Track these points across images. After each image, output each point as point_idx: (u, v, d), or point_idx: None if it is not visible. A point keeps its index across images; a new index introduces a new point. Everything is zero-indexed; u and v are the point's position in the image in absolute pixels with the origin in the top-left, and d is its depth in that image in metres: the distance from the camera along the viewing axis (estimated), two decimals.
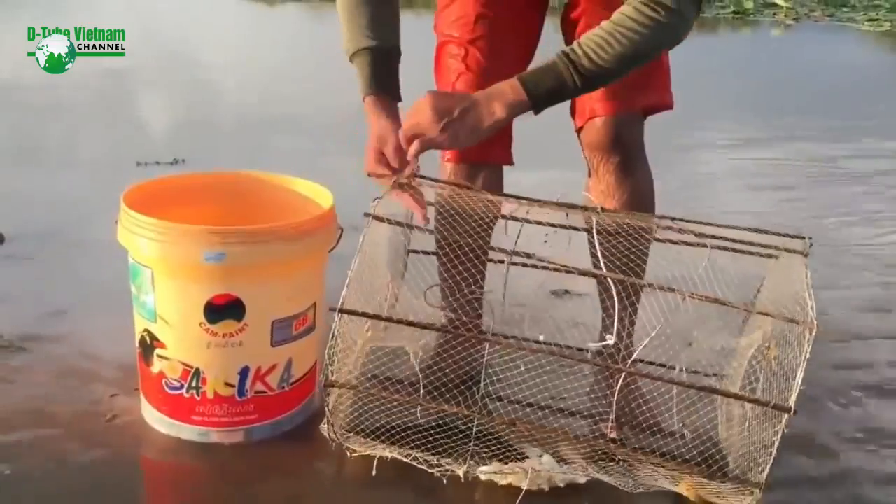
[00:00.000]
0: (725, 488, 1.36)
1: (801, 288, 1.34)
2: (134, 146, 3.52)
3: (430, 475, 1.42)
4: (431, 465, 1.43)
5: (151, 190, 1.60)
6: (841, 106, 5.21)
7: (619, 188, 1.64)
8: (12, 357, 1.79)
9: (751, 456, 1.37)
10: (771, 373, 1.44)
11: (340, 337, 1.37)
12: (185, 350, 1.48)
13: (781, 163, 3.66)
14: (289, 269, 1.49)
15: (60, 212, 2.67)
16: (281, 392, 1.54)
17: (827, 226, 2.92)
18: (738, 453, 1.45)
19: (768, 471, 1.28)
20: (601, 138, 1.60)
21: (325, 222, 1.52)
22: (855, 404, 1.78)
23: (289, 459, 1.51)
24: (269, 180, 1.72)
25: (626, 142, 1.62)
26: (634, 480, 1.41)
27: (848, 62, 7.11)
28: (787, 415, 1.26)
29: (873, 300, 2.33)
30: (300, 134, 3.86)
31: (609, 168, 1.63)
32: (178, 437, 1.53)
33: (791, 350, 1.32)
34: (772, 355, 1.51)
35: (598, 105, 1.59)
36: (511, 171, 1.73)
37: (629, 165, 1.63)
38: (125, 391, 1.66)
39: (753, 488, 1.31)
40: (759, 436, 1.35)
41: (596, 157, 1.63)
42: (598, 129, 1.60)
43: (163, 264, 1.44)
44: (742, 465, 1.40)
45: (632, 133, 1.63)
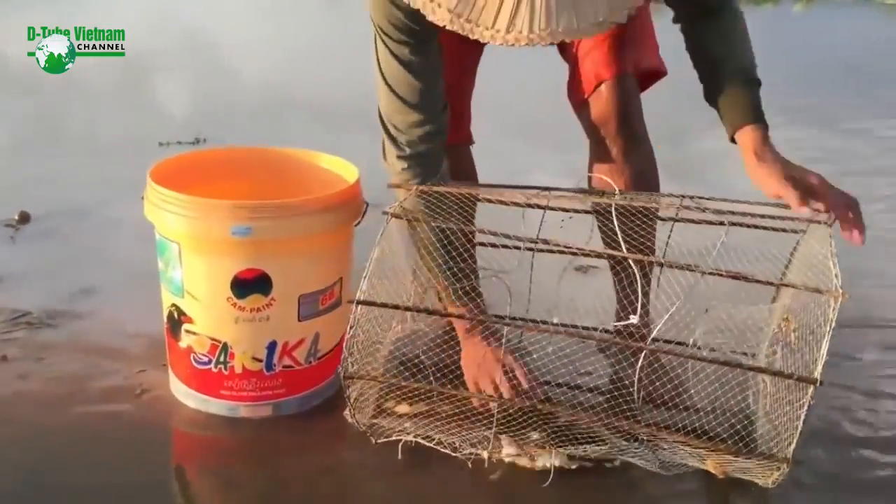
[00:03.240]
0: (752, 464, 1.35)
1: (825, 258, 1.32)
2: (155, 127, 3.53)
3: (455, 458, 1.42)
4: (455, 449, 1.43)
5: (177, 165, 1.60)
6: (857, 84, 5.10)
7: (626, 163, 1.62)
8: (41, 334, 1.80)
9: (777, 431, 1.35)
10: (790, 346, 1.43)
11: (360, 328, 1.38)
12: (213, 325, 1.49)
13: (802, 141, 3.62)
14: (315, 243, 1.49)
15: (85, 192, 2.69)
16: (308, 366, 1.54)
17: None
18: (765, 429, 1.44)
19: (795, 445, 1.26)
20: (609, 106, 1.59)
21: (351, 196, 1.52)
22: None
23: (317, 434, 1.51)
24: (293, 155, 1.72)
25: (632, 110, 1.61)
26: (661, 460, 1.40)
27: (870, 37, 7.00)
28: (812, 387, 1.24)
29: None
30: (320, 112, 3.85)
31: (616, 142, 1.61)
32: (207, 411, 1.54)
33: (815, 321, 1.29)
34: (791, 328, 1.50)
35: (602, 69, 1.59)
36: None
37: (634, 138, 1.62)
38: (154, 367, 1.67)
39: (780, 463, 1.30)
40: (784, 410, 1.33)
41: (602, 130, 1.61)
42: (604, 96, 1.59)
43: (190, 239, 1.44)
44: (769, 440, 1.39)
45: (635, 100, 1.62)
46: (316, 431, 1.52)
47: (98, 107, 4.06)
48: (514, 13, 1.16)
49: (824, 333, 1.24)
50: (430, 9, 1.20)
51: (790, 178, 1.38)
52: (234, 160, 1.72)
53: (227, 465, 1.45)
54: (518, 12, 1.16)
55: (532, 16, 1.16)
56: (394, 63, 1.46)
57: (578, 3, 1.17)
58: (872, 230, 1.37)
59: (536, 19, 1.16)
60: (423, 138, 1.51)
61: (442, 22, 1.21)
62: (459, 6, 1.16)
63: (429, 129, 1.50)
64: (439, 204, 1.50)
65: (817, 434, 1.52)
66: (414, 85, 1.47)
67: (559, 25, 1.17)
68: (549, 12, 1.15)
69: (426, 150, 1.52)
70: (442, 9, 1.18)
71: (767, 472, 1.33)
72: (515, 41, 1.18)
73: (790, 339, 1.49)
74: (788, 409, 1.31)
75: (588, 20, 1.18)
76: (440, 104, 1.52)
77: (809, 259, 1.39)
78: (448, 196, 1.51)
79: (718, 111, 1.48)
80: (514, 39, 1.18)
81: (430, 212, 1.50)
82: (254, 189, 1.64)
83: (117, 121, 3.79)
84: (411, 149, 1.51)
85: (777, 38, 6.45)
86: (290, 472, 1.41)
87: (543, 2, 1.14)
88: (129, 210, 1.83)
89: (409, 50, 1.44)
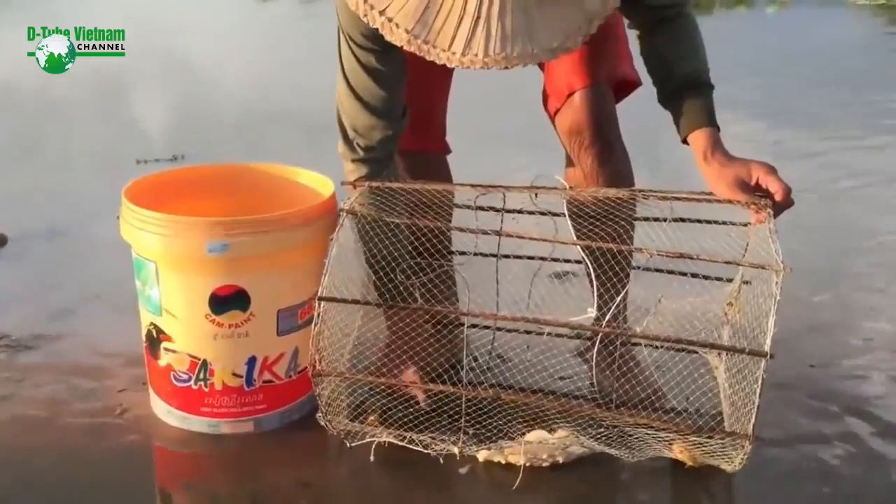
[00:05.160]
0: (716, 445, 1.36)
1: (767, 237, 1.37)
2: (133, 144, 3.53)
3: (432, 458, 1.44)
4: (426, 446, 1.44)
5: (152, 184, 1.61)
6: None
7: (601, 171, 1.63)
8: (21, 356, 1.80)
9: (736, 410, 1.38)
10: (738, 325, 1.48)
11: (324, 324, 1.39)
12: (192, 342, 1.49)
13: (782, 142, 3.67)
14: (292, 257, 1.49)
15: (62, 211, 2.69)
16: (289, 381, 1.55)
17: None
18: (727, 412, 1.47)
19: (754, 420, 1.28)
20: (581, 115, 1.59)
21: (327, 210, 1.53)
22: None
23: (298, 448, 1.52)
24: (268, 171, 1.73)
25: (605, 118, 1.62)
26: (629, 450, 1.42)
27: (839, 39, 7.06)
28: (764, 360, 1.26)
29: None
30: (297, 127, 3.86)
31: (591, 151, 1.61)
32: (189, 429, 1.54)
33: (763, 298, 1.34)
34: (735, 310, 1.57)
35: (574, 79, 1.60)
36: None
37: (608, 147, 1.63)
38: (134, 386, 1.67)
39: (742, 440, 1.31)
40: (738, 390, 1.37)
41: (577, 139, 1.61)
42: (576, 105, 1.59)
43: (166, 257, 1.45)
44: (731, 421, 1.42)
45: (609, 108, 1.63)
46: (296, 445, 1.52)
47: (74, 124, 4.06)
48: (471, 37, 1.19)
49: (770, 308, 1.28)
50: (388, 29, 1.23)
51: (738, 180, 1.44)
52: (208, 177, 1.72)
53: (210, 482, 1.46)
54: (474, 36, 1.19)
55: (487, 40, 1.20)
56: (358, 69, 1.49)
57: (533, 30, 1.21)
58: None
59: (492, 44, 1.20)
60: (381, 142, 1.55)
61: (400, 42, 1.24)
62: (416, 28, 1.19)
63: (388, 133, 1.55)
64: (389, 200, 1.53)
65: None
66: (377, 92, 1.50)
67: (514, 51, 1.21)
68: (504, 37, 1.19)
69: (382, 152, 1.57)
70: (400, 29, 1.21)
71: (733, 454, 1.35)
72: (471, 64, 1.22)
73: (735, 320, 1.54)
74: (745, 386, 1.34)
75: (542, 46, 1.23)
76: (400, 110, 1.56)
77: (758, 248, 1.44)
78: (399, 192, 1.54)
79: (672, 114, 1.52)
80: (470, 62, 1.21)
81: (379, 208, 1.53)
82: (229, 206, 1.65)
83: (94, 138, 3.80)
84: (367, 152, 1.56)
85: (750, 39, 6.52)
86: (273, 487, 1.41)
87: (499, 27, 1.18)
88: (105, 229, 1.83)
89: (375, 58, 1.47)
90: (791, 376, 1.71)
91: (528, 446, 1.44)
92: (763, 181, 1.45)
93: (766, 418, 1.36)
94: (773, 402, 1.53)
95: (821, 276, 2.21)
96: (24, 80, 4.37)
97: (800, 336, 1.88)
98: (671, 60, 1.51)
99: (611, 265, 1.49)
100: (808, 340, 1.89)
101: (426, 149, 1.75)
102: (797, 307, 1.95)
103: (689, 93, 1.50)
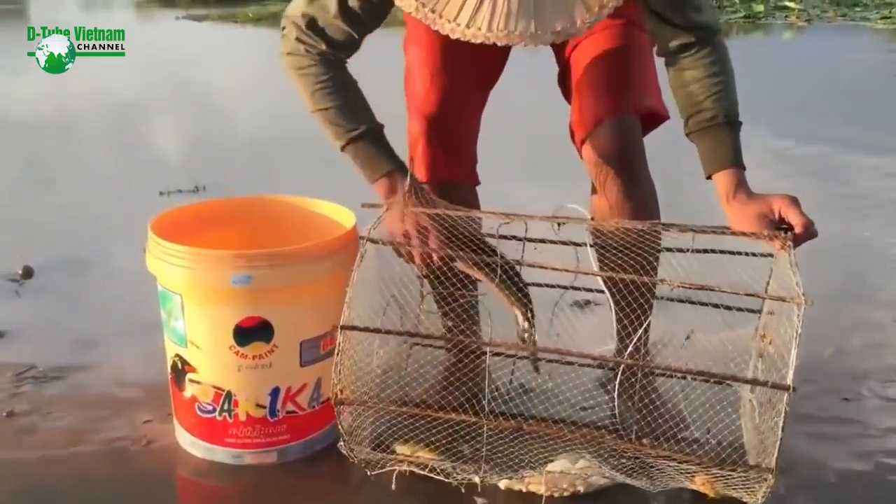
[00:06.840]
0: (738, 478, 1.36)
1: (788, 270, 1.37)
2: (153, 176, 3.55)
3: (453, 487, 1.44)
4: (448, 475, 1.44)
5: (177, 217, 1.63)
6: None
7: (626, 202, 1.63)
8: (47, 387, 1.82)
9: (761, 443, 1.37)
10: (769, 359, 1.47)
11: (345, 354, 1.40)
12: (217, 373, 1.50)
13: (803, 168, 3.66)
14: (314, 289, 1.51)
15: (88, 243, 2.72)
16: (312, 411, 1.56)
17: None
18: (753, 444, 1.46)
19: (777, 454, 1.27)
20: (608, 144, 1.60)
21: (348, 242, 1.54)
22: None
23: (321, 478, 1.53)
24: (290, 202, 1.75)
25: (631, 150, 1.62)
26: (651, 481, 1.41)
27: (859, 61, 7.06)
28: (787, 393, 1.26)
29: None
30: (313, 153, 3.88)
31: (617, 182, 1.62)
32: (213, 459, 1.55)
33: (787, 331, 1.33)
34: (767, 342, 1.55)
35: (601, 109, 1.60)
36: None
37: (634, 178, 1.63)
38: (159, 417, 1.68)
39: (766, 473, 1.31)
40: (766, 421, 1.36)
41: (603, 169, 1.62)
42: (603, 135, 1.60)
43: (191, 290, 1.47)
44: (754, 454, 1.41)
45: (636, 139, 1.63)
46: (319, 475, 1.53)
47: (95, 155, 4.10)
48: (476, 10, 1.22)
49: (793, 340, 1.27)
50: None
51: (760, 216, 1.46)
52: (232, 210, 1.74)
53: None
54: (480, 10, 1.22)
55: (493, 15, 1.22)
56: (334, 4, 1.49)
57: (539, 11, 1.23)
58: None
59: (496, 19, 1.22)
60: (326, 55, 1.55)
61: (408, 9, 1.27)
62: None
63: (338, 55, 1.56)
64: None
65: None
66: (344, 30, 1.52)
67: (516, 28, 1.23)
68: (508, 14, 1.22)
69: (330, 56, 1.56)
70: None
71: (755, 487, 1.34)
72: (473, 37, 1.24)
73: (767, 352, 1.53)
74: (769, 418, 1.33)
75: (546, 28, 1.24)
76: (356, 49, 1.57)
77: (782, 278, 1.44)
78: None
79: (698, 149, 1.52)
80: (472, 35, 1.24)
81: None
82: (252, 238, 1.66)
83: (114, 170, 3.83)
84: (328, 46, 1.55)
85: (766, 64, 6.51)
86: None
87: (505, 4, 1.20)
88: (129, 260, 1.84)
89: (360, 5, 1.49)
90: (819, 407, 1.71)
91: (550, 476, 1.44)
92: (784, 213, 1.45)
93: (793, 451, 1.35)
94: (798, 435, 1.53)
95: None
96: (47, 112, 4.43)
97: (829, 365, 1.87)
98: (699, 95, 1.51)
99: (634, 297, 1.49)
100: (837, 369, 1.88)
101: (458, 180, 1.75)
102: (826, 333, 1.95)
103: (716, 130, 1.50)
